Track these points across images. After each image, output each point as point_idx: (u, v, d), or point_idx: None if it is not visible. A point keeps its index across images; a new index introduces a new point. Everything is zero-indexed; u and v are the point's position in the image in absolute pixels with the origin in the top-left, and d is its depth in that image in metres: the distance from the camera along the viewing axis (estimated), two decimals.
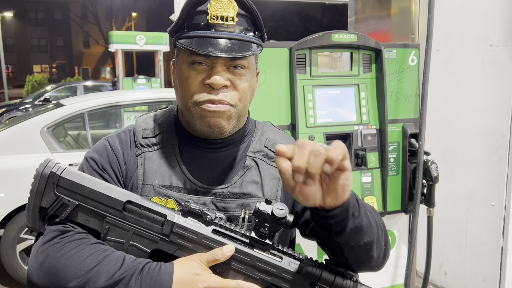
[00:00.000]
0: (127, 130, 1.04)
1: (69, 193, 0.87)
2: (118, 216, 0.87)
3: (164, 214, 0.87)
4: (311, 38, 1.87)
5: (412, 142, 2.03)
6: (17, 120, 3.74)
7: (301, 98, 1.87)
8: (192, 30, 0.94)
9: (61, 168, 0.89)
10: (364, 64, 2.00)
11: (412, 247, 2.08)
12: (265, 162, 1.03)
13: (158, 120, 1.04)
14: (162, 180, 0.96)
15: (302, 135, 1.84)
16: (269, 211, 0.84)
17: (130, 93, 4.76)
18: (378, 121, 2.00)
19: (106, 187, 0.88)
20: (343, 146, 0.74)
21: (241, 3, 0.94)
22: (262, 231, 0.85)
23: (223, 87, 0.93)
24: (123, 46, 10.06)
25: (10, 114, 10.90)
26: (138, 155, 0.99)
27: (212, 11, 0.92)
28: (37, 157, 3.08)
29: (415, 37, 2.27)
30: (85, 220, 0.87)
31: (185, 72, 0.95)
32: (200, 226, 0.86)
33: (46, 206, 0.88)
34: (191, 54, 0.94)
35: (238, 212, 0.97)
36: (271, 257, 0.86)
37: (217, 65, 0.93)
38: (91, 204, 0.87)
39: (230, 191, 0.98)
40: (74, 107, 3.61)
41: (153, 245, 0.86)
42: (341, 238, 0.85)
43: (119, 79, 9.90)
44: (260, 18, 0.97)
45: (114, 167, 0.97)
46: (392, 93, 2.03)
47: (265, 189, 1.00)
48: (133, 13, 27.00)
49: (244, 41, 0.94)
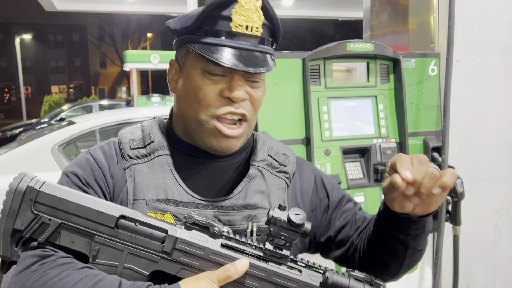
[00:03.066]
0: (111, 142, 0.94)
1: (50, 210, 0.75)
2: (110, 234, 0.75)
3: (165, 228, 0.76)
4: (325, 48, 1.79)
5: (435, 156, 1.92)
6: (31, 138, 3.73)
7: (316, 111, 1.79)
8: (211, 36, 0.86)
9: (40, 181, 0.77)
10: (381, 74, 1.91)
11: (438, 268, 1.95)
12: (269, 172, 0.95)
13: (146, 130, 0.95)
14: (156, 194, 0.86)
15: (318, 149, 1.75)
16: (284, 217, 0.74)
17: (141, 110, 4.75)
18: (398, 134, 1.90)
19: (95, 201, 0.77)
20: (456, 174, 0.80)
21: (267, 13, 0.88)
22: (277, 242, 0.75)
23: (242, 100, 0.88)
24: (138, 65, 10.19)
25: (27, 133, 11.06)
26: (127, 168, 0.89)
27: (237, 19, 0.85)
28: (48, 176, 3.04)
29: (435, 47, 2.18)
30: (70, 242, 0.75)
31: (197, 80, 0.87)
32: (206, 240, 0.75)
33: (21, 228, 0.75)
34: (207, 62, 0.85)
35: (245, 225, 0.88)
36: (290, 271, 0.75)
37: (236, 78, 0.87)
38: (77, 222, 0.75)
39: (234, 202, 0.89)
40: (85, 125, 3.59)
41: (152, 266, 0.75)
42: (415, 242, 0.90)
43: (133, 97, 10.00)
44: (280, 28, 0.91)
45: (100, 182, 0.87)
46: (412, 104, 1.93)
47: (271, 199, 0.92)
48: (149, 34, 27.48)
49: (264, 52, 0.88)
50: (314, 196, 1.02)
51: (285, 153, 1.01)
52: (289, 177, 0.98)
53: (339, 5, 9.64)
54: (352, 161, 1.85)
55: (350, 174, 1.82)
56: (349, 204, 1.07)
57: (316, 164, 1.73)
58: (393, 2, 2.50)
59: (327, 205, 1.04)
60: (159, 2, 8.96)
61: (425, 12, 2.28)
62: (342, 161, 1.80)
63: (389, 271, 0.97)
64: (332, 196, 1.05)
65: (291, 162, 1.00)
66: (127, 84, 24.55)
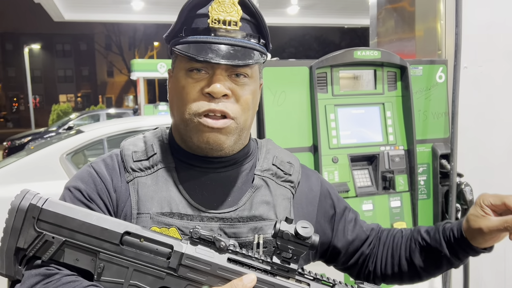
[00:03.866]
0: (113, 155, 0.93)
1: (53, 228, 0.74)
2: (115, 251, 0.74)
3: (170, 244, 0.75)
4: (332, 56, 1.79)
5: (443, 163, 1.91)
6: (39, 147, 3.75)
7: (323, 118, 1.78)
8: (191, 34, 0.86)
9: (42, 199, 0.76)
10: (389, 81, 1.90)
11: (448, 277, 1.93)
12: (274, 181, 0.94)
13: (149, 141, 0.93)
14: (161, 207, 0.85)
15: (325, 157, 1.74)
16: (292, 230, 0.73)
17: (149, 118, 4.77)
18: (406, 142, 1.89)
19: (99, 218, 0.76)
20: None
21: (245, 6, 0.86)
22: (284, 255, 0.74)
23: (223, 96, 0.84)
24: (144, 74, 10.25)
25: (36, 142, 11.14)
26: (130, 181, 0.87)
27: (214, 14, 0.84)
28: (56, 185, 3.06)
29: (442, 53, 2.18)
30: (74, 260, 0.74)
31: (181, 80, 0.87)
32: (213, 255, 0.74)
33: (24, 247, 0.74)
34: (189, 60, 0.85)
35: (251, 237, 0.87)
36: (298, 285, 0.74)
37: (217, 72, 0.84)
38: (81, 239, 0.74)
39: (239, 214, 0.88)
40: (92, 134, 3.61)
41: (158, 283, 0.74)
42: (461, 263, 0.97)
43: (140, 106, 10.05)
44: (265, 24, 0.88)
45: (103, 196, 0.86)
46: (420, 111, 1.92)
47: (277, 209, 0.91)
48: (155, 43, 27.66)
49: (247, 48, 0.86)
50: (320, 206, 1.01)
51: (289, 162, 0.99)
52: (294, 186, 0.97)
53: (345, 12, 9.64)
54: (360, 168, 1.84)
55: (358, 181, 1.81)
56: (351, 214, 1.07)
57: (324, 172, 1.73)
58: (399, 9, 2.50)
59: (332, 215, 1.03)
60: (166, 11, 9.02)
61: (432, 18, 2.28)
62: (350, 168, 1.79)
63: (421, 276, 1.02)
64: (338, 207, 1.05)
65: (296, 170, 0.99)
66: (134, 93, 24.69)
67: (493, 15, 2.59)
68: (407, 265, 1.01)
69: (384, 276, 1.04)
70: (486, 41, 2.65)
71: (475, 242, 0.91)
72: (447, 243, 0.95)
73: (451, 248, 0.95)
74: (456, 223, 0.96)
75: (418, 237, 1.01)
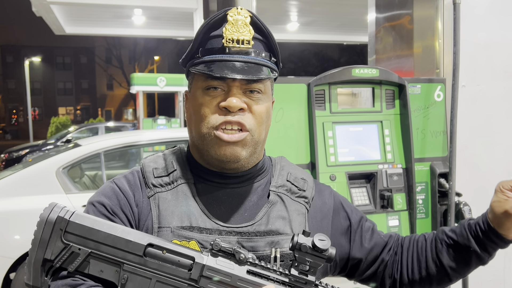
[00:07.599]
0: (134, 171, 0.97)
1: (79, 239, 0.77)
2: (138, 263, 0.76)
3: (192, 256, 0.77)
4: (330, 74, 1.79)
5: (442, 182, 1.90)
6: (36, 160, 3.73)
7: (321, 136, 1.78)
8: (206, 54, 0.90)
9: (69, 212, 0.79)
10: (387, 100, 1.90)
11: None
12: (289, 197, 0.97)
13: (169, 159, 0.97)
14: (181, 221, 0.88)
15: (323, 174, 1.73)
16: (309, 243, 0.76)
17: (147, 132, 4.76)
18: (404, 160, 1.88)
19: (123, 230, 0.78)
20: None
21: (257, 27, 0.91)
22: (302, 267, 0.76)
23: (239, 110, 0.89)
24: (144, 87, 10.27)
25: (34, 155, 11.11)
26: (151, 196, 0.91)
27: (228, 35, 0.89)
28: (52, 198, 3.03)
29: (440, 72, 2.18)
30: (99, 271, 0.77)
31: (199, 98, 0.91)
32: (233, 266, 0.77)
33: (52, 258, 0.77)
34: (206, 79, 0.90)
35: (268, 251, 0.90)
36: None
37: (233, 88, 0.89)
38: (106, 251, 0.77)
39: (257, 229, 0.91)
40: (89, 148, 3.60)
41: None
42: (490, 258, 0.99)
43: (139, 119, 10.04)
44: (275, 43, 0.94)
45: (126, 211, 0.89)
46: (418, 130, 1.92)
47: (293, 224, 0.94)
48: (155, 57, 27.85)
49: (259, 64, 0.91)
50: (335, 219, 1.04)
51: (303, 178, 1.03)
52: (308, 202, 1.00)
53: (344, 29, 9.74)
54: (358, 186, 1.83)
55: (356, 200, 1.80)
56: (368, 223, 1.10)
57: None
58: (398, 27, 2.51)
59: (348, 226, 1.06)
60: (166, 26, 9.10)
61: (430, 37, 2.29)
62: (348, 186, 1.77)
63: (450, 277, 1.03)
64: (352, 218, 1.07)
65: (310, 186, 1.02)
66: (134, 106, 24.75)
67: (491, 34, 2.60)
68: (435, 267, 1.02)
69: (412, 282, 1.04)
70: (484, 60, 2.66)
71: (503, 229, 0.94)
72: (475, 238, 0.98)
73: (480, 242, 0.97)
74: (480, 217, 1.00)
75: (443, 236, 1.03)
